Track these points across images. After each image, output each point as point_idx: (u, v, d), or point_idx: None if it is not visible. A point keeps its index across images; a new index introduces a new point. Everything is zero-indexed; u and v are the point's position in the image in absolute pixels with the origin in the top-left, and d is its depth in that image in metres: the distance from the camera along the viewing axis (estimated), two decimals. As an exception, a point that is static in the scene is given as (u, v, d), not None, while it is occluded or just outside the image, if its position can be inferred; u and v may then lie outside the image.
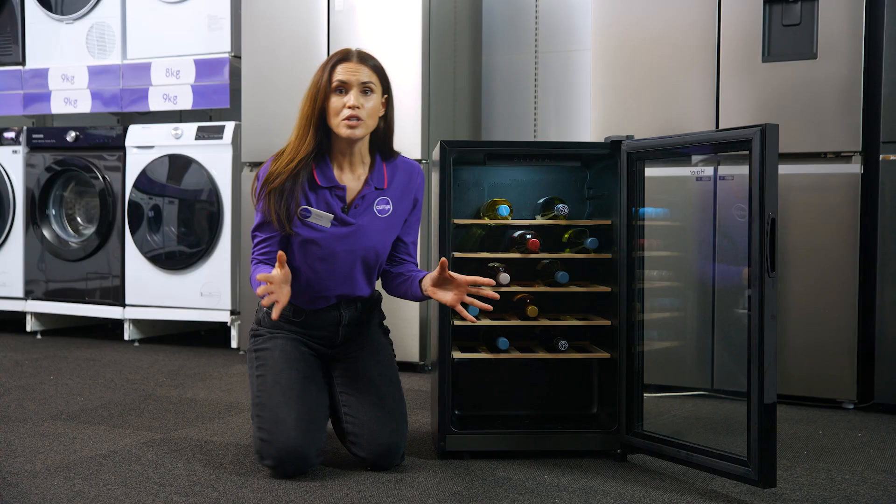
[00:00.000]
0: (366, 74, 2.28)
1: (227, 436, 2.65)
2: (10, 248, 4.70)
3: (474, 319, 2.25)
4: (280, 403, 2.23)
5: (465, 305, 2.54)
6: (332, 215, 2.31)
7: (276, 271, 2.12)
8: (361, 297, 2.42)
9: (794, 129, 3.09)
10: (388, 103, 2.36)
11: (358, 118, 2.25)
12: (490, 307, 2.23)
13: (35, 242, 4.65)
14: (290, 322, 2.39)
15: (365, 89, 2.27)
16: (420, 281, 2.31)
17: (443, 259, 2.20)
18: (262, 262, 2.33)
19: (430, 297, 2.27)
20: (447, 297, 2.21)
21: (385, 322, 2.56)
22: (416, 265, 2.46)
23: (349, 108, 2.25)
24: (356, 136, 2.27)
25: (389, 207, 2.36)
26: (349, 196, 2.34)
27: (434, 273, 2.24)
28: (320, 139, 2.30)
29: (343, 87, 2.27)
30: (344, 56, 2.30)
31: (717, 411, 3.09)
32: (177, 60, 4.40)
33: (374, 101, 2.29)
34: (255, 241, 2.35)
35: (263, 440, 2.21)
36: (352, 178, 2.35)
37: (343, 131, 2.27)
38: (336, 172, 2.34)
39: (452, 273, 2.20)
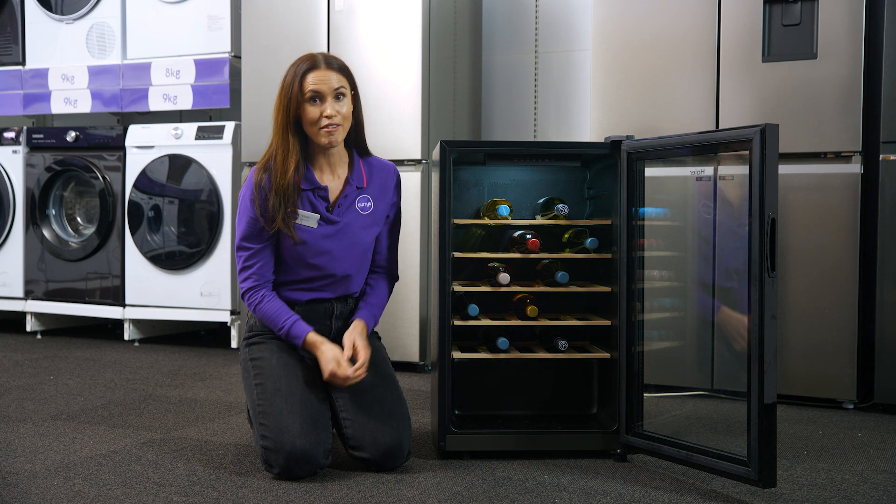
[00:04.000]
0: (336, 80, 2.31)
1: (227, 436, 2.65)
2: (10, 248, 4.70)
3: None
4: (283, 411, 2.22)
5: (464, 307, 2.55)
6: (318, 215, 2.35)
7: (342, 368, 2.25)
8: (353, 294, 2.47)
9: (793, 129, 3.09)
10: (356, 100, 2.40)
11: (336, 125, 2.30)
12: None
13: (35, 242, 4.64)
14: None
15: (337, 95, 2.31)
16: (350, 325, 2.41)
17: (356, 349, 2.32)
18: (261, 287, 2.35)
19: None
20: (325, 366, 2.29)
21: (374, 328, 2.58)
22: (383, 276, 2.52)
23: (327, 117, 2.29)
24: (336, 143, 2.33)
25: (370, 205, 2.43)
26: (332, 196, 2.39)
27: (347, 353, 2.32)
28: (301, 144, 2.34)
29: (317, 97, 2.30)
30: (312, 64, 2.32)
31: (717, 411, 3.09)
32: (177, 60, 4.40)
33: (347, 104, 2.33)
34: (245, 255, 2.36)
35: (268, 448, 2.20)
36: (332, 179, 2.40)
37: (323, 140, 2.31)
38: (317, 174, 2.38)
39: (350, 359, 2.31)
